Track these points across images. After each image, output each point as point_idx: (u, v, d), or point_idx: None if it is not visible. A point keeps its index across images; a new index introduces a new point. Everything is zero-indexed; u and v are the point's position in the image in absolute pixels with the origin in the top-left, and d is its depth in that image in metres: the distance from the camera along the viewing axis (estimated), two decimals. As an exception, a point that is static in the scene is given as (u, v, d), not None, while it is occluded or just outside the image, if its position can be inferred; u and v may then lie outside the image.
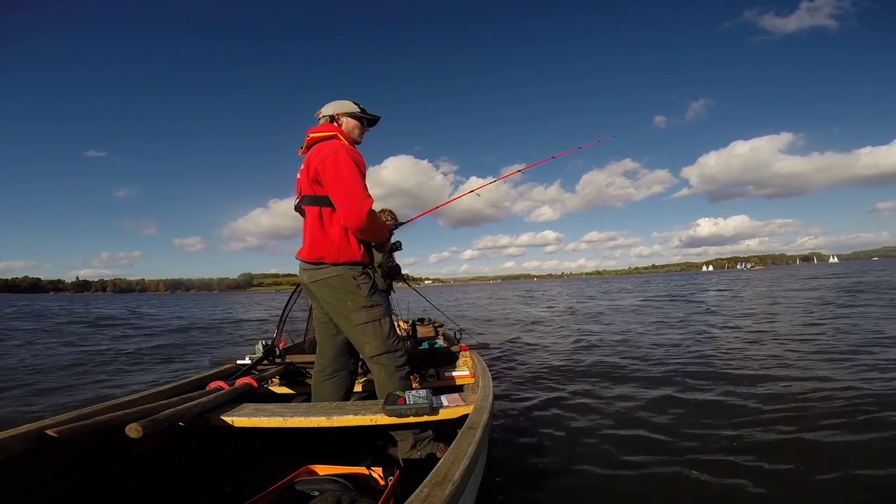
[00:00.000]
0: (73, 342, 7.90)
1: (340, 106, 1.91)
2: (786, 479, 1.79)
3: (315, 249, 1.76)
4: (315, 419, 1.55)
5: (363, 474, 1.45)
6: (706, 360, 4.15)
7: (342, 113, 1.89)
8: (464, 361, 2.70)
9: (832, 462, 1.89)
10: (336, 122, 1.88)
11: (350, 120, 1.91)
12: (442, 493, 0.85)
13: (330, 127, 1.85)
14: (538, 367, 4.38)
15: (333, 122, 1.88)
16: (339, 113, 1.89)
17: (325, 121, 1.89)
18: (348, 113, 1.90)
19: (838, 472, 1.79)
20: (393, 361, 1.77)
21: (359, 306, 1.75)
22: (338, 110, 1.89)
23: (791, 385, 3.13)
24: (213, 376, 2.19)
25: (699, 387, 3.23)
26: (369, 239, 1.81)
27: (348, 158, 1.68)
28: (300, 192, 1.85)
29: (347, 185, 1.64)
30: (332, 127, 1.85)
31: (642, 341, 5.67)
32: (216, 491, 1.70)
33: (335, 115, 1.88)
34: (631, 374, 3.81)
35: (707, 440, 2.21)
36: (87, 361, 5.66)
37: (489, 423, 1.43)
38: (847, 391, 2.88)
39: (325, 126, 1.87)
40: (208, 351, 6.76)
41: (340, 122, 1.89)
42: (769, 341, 5.08)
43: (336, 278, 1.75)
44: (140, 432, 1.27)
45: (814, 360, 3.94)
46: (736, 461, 1.95)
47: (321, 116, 1.90)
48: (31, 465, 1.23)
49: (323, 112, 1.90)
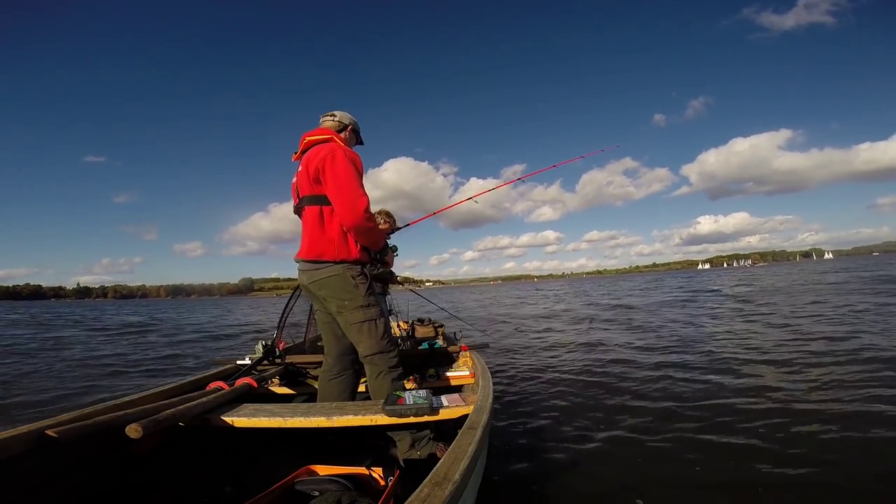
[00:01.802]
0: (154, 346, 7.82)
1: (350, 120, 2.04)
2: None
3: (315, 247, 1.79)
4: (315, 419, 1.55)
5: (363, 474, 1.45)
6: (712, 356, 4.15)
7: (351, 127, 2.04)
8: (464, 361, 2.70)
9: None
10: (344, 130, 1.99)
11: (353, 136, 2.07)
12: (442, 493, 0.85)
13: (326, 130, 1.92)
14: (539, 367, 4.38)
15: (346, 129, 2.00)
16: (350, 126, 2.03)
17: (338, 126, 1.99)
18: (355, 130, 2.07)
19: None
20: (386, 362, 1.81)
21: (356, 305, 1.78)
22: (350, 123, 2.03)
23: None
24: (213, 376, 2.19)
25: (708, 382, 3.24)
26: (365, 242, 1.84)
27: (345, 158, 1.74)
28: (298, 195, 1.89)
29: (344, 183, 1.70)
30: (327, 130, 1.92)
31: (656, 342, 5.67)
32: (216, 491, 1.70)
33: (350, 124, 2.02)
34: (633, 374, 3.81)
35: (709, 441, 2.22)
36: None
37: (489, 423, 1.44)
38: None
39: (322, 129, 1.94)
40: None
41: (347, 132, 2.00)
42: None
43: (335, 277, 1.78)
44: (140, 432, 1.27)
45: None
46: (743, 465, 1.94)
47: (335, 121, 2.00)
48: (31, 465, 1.23)
49: (339, 118, 2.00)
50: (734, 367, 3.82)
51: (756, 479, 1.79)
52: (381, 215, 3.25)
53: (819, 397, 2.79)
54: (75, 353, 6.81)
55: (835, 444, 2.07)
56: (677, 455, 2.05)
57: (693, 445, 2.15)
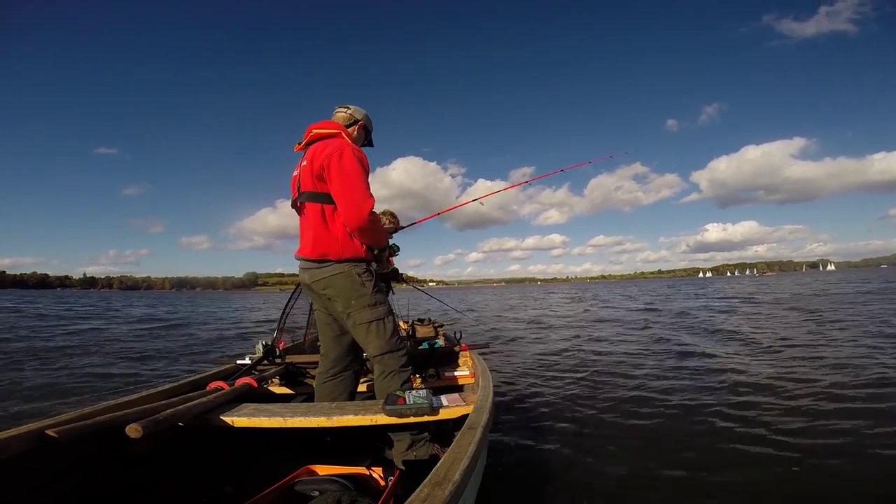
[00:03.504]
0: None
1: (363, 115, 1.96)
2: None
3: (318, 246, 1.72)
4: (315, 419, 1.55)
5: (363, 474, 1.45)
6: (713, 355, 4.15)
7: (363, 122, 1.95)
8: (464, 361, 2.70)
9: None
10: (354, 125, 1.91)
11: (362, 134, 1.97)
12: (442, 494, 0.85)
13: (334, 124, 1.83)
14: (539, 367, 4.38)
15: (356, 123, 1.91)
16: (361, 122, 1.94)
17: (349, 120, 1.90)
18: (366, 126, 1.97)
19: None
20: (396, 361, 1.76)
21: (363, 304, 1.72)
22: (361, 119, 1.94)
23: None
24: (213, 376, 2.19)
25: (713, 385, 3.24)
26: (368, 242, 1.78)
27: (354, 157, 1.67)
28: (297, 188, 1.82)
29: (351, 184, 1.63)
30: (336, 125, 1.83)
31: (657, 347, 5.67)
32: (216, 491, 1.69)
33: (362, 119, 1.93)
34: (635, 375, 3.81)
35: (712, 442, 2.21)
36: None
37: (489, 423, 1.43)
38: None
39: (330, 123, 1.85)
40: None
41: (356, 127, 1.92)
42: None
43: (341, 276, 1.72)
44: (140, 432, 1.26)
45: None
46: (748, 469, 1.94)
47: (347, 114, 1.91)
48: (31, 465, 1.23)
49: (352, 112, 1.92)
50: (742, 372, 3.81)
51: (759, 482, 1.79)
52: (386, 215, 3.25)
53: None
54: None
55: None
56: (679, 456, 2.05)
57: (695, 447, 2.15)
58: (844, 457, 1.94)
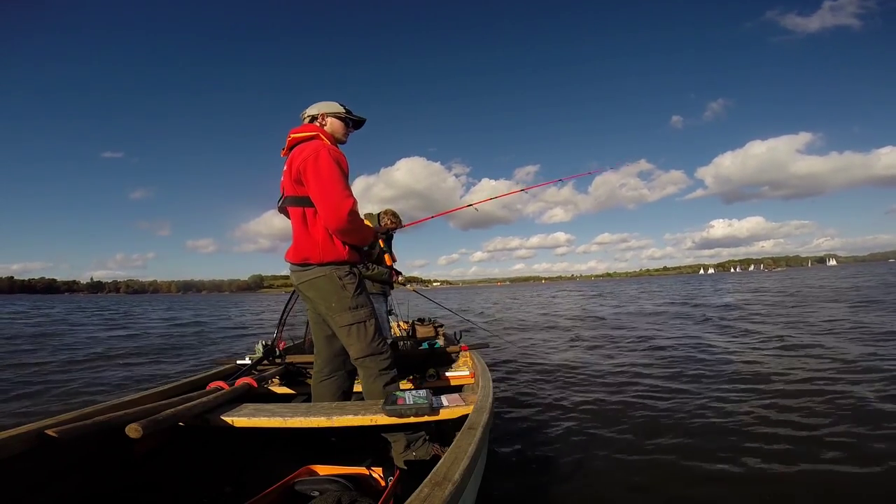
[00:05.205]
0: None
1: (325, 106, 1.88)
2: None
3: (300, 251, 1.74)
4: (315, 419, 1.55)
5: (363, 474, 1.45)
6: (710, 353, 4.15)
7: (327, 113, 1.87)
8: (464, 361, 2.70)
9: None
10: (320, 122, 1.86)
11: (335, 121, 1.88)
12: (442, 494, 0.85)
13: (312, 127, 1.83)
14: (540, 366, 4.38)
15: (315, 121, 1.86)
16: (323, 113, 1.87)
17: (308, 121, 1.87)
18: (333, 113, 1.88)
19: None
20: (377, 364, 1.75)
21: (344, 307, 1.73)
22: (322, 110, 1.87)
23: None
24: (213, 376, 2.19)
25: (712, 385, 3.23)
26: (351, 241, 1.78)
27: (329, 158, 1.65)
28: (283, 193, 1.83)
29: (328, 185, 1.63)
30: (313, 127, 1.83)
31: (665, 344, 5.66)
32: (216, 491, 1.69)
33: (319, 115, 1.87)
34: (636, 376, 3.81)
35: (714, 444, 2.21)
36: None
37: (489, 423, 1.43)
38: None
39: (307, 126, 1.85)
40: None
41: (325, 122, 1.87)
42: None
43: (322, 279, 1.73)
44: (140, 432, 1.26)
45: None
46: (748, 471, 1.92)
47: (305, 116, 1.89)
48: (31, 465, 1.23)
49: (307, 112, 1.88)
50: (747, 377, 3.81)
51: (762, 483, 1.79)
52: (388, 215, 3.25)
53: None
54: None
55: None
56: (680, 457, 2.04)
57: (696, 448, 2.15)
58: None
